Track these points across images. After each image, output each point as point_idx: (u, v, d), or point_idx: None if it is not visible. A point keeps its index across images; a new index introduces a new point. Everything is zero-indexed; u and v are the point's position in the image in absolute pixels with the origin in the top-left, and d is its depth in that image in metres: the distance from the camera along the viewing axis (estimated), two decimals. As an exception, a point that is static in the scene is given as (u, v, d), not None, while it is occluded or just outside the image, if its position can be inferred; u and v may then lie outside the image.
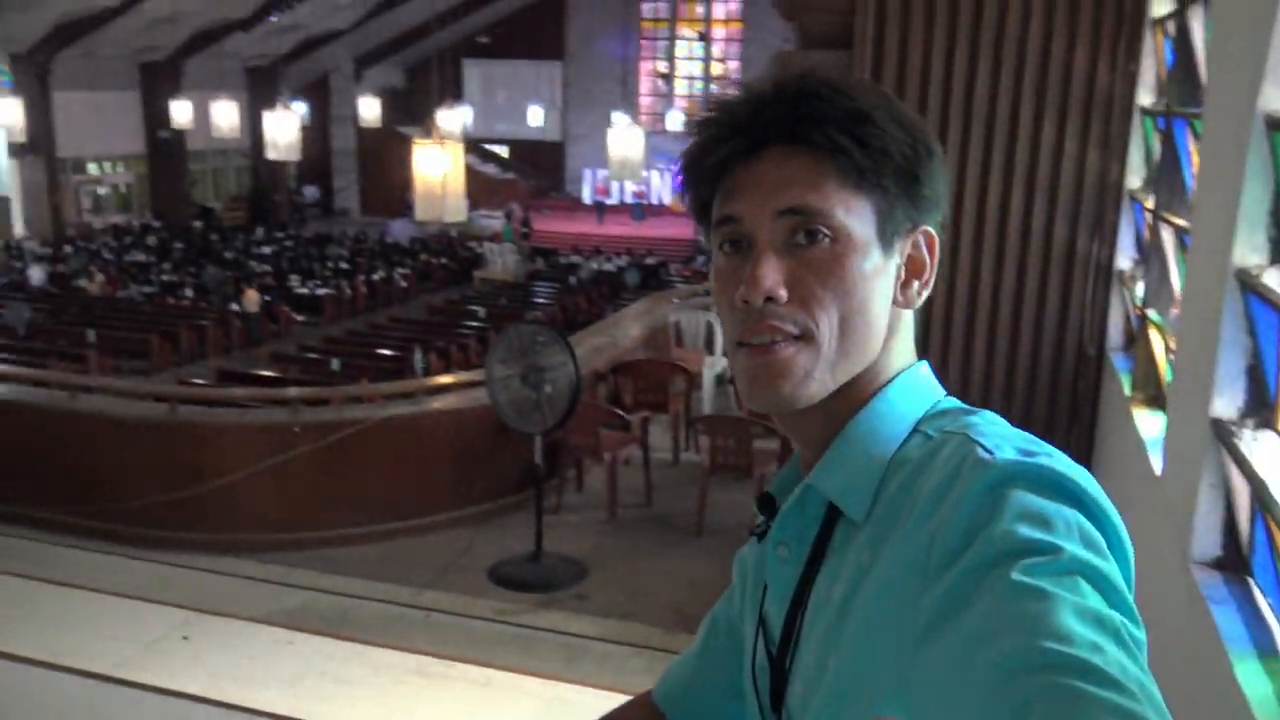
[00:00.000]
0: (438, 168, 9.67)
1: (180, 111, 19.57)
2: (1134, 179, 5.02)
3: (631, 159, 14.70)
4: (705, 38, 31.90)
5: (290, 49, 26.01)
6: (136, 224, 25.50)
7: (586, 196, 31.55)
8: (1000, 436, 0.83)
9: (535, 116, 28.25)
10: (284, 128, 15.10)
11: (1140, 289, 4.67)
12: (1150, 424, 3.98)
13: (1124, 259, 5.10)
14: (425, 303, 19.28)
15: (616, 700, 3.94)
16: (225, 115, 18.04)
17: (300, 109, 24.18)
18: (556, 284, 20.31)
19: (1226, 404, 2.81)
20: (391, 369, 12.72)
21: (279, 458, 7.48)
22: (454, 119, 18.59)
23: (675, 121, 28.64)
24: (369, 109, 24.32)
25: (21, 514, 7.86)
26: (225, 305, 16.92)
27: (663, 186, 29.42)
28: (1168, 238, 4.13)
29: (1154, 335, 4.24)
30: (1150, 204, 4.50)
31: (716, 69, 31.64)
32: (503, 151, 33.26)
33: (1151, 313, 4.31)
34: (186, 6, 21.45)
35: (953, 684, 0.69)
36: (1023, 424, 0.85)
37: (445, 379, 9.51)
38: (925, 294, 0.95)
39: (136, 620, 5.11)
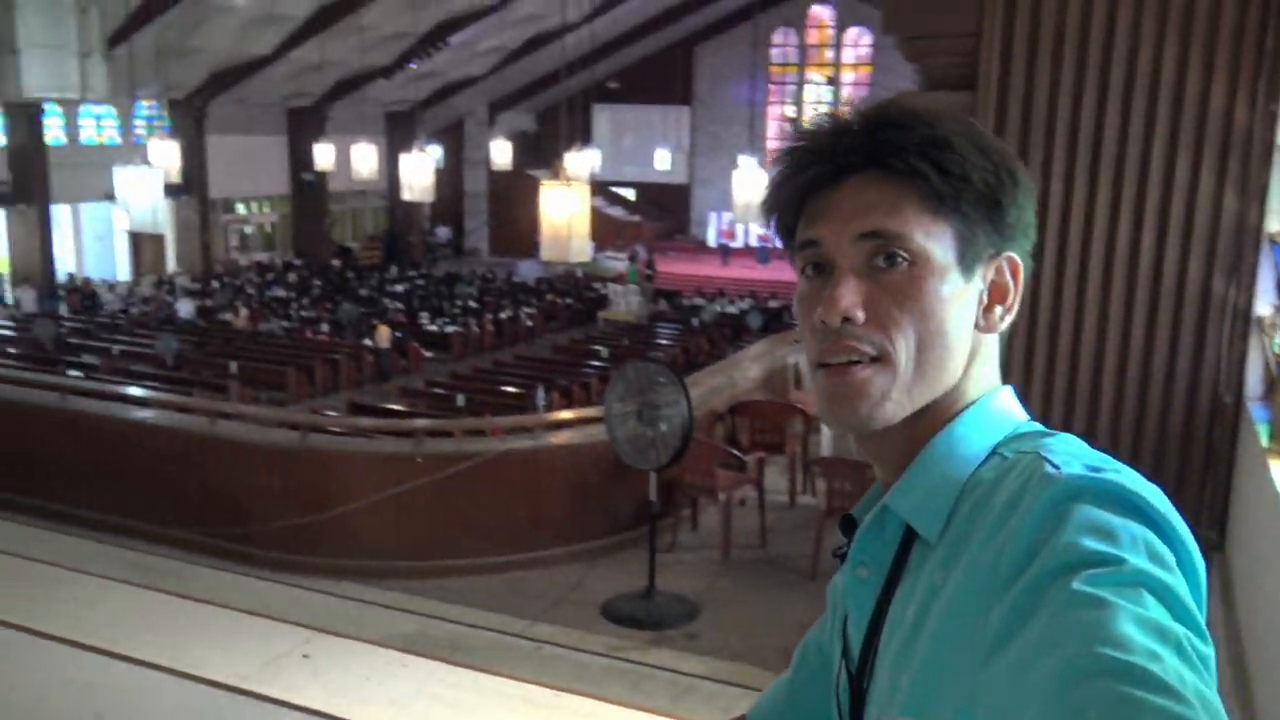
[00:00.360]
0: (564, 209, 9.88)
1: (323, 155, 20.45)
2: (1275, 221, 4.81)
3: (756, 202, 14.74)
4: (834, 82, 31.89)
5: (428, 95, 26.97)
6: (279, 261, 26.70)
7: (711, 239, 31.74)
8: (1070, 454, 0.82)
9: (662, 160, 28.68)
10: (419, 170, 15.66)
11: (1280, 335, 4.46)
12: (1288, 476, 3.78)
13: (1263, 304, 4.88)
14: (550, 342, 19.64)
15: (719, 736, 3.88)
16: (365, 159, 18.79)
17: (435, 152, 25.02)
18: (679, 325, 20.44)
19: (1367, 454, 2.67)
20: (515, 406, 12.95)
21: (401, 487, 7.70)
22: (582, 162, 18.98)
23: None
24: (500, 152, 25.06)
25: (164, 533, 8.27)
26: (359, 340, 17.54)
27: (787, 230, 29.36)
28: (1309, 281, 3.95)
29: (1293, 383, 4.05)
30: (1291, 247, 4.31)
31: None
32: (629, 194, 33.77)
33: (1291, 360, 4.12)
34: (333, 55, 22.49)
35: (1014, 694, 0.69)
36: (1153, 474, 0.84)
37: (564, 414, 9.66)
38: (1009, 319, 0.95)
39: (262, 636, 5.30)
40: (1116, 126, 4.99)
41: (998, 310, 0.94)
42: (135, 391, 10.43)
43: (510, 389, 14.10)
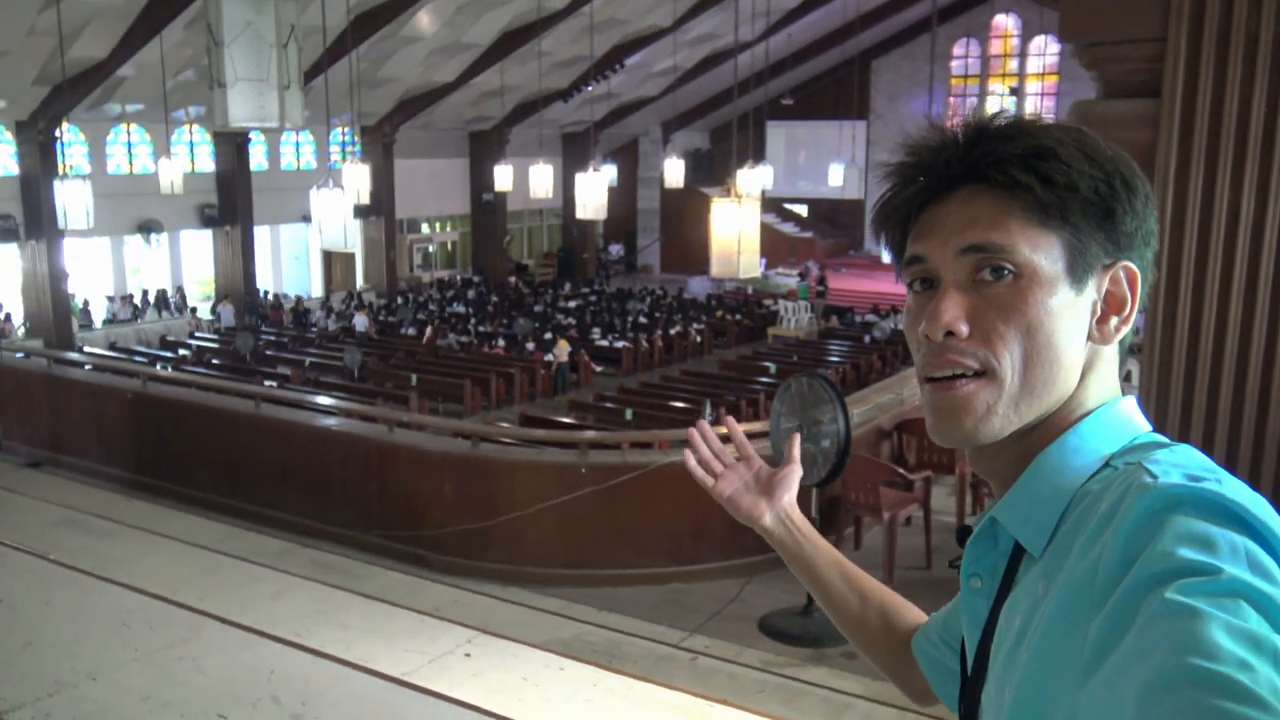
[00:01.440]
0: (733, 226, 9.90)
1: (502, 175, 21.10)
2: None
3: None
4: (1017, 93, 30.86)
5: (603, 116, 27.54)
6: (459, 278, 27.72)
7: (886, 256, 30.97)
8: (1173, 464, 0.80)
9: (836, 176, 28.30)
10: (594, 189, 15.96)
11: None
12: None
13: None
14: (719, 358, 19.66)
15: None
16: (541, 179, 19.27)
17: (609, 171, 25.50)
18: (851, 342, 20.16)
19: None
20: (682, 421, 13.03)
21: (566, 496, 7.87)
22: (755, 179, 18.95)
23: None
24: (673, 171, 25.31)
25: (344, 535, 8.72)
26: (541, 353, 18.00)
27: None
28: None
29: None
30: None
31: (1028, 125, 30.51)
32: (802, 210, 33.54)
33: None
34: (513, 80, 23.24)
35: (1107, 707, 0.68)
36: None
37: (725, 428, 9.65)
38: (1125, 330, 0.92)
39: (428, 635, 5.53)
40: (1316, 135, 4.68)
41: (1113, 321, 0.92)
42: (320, 400, 11.02)
43: (678, 404, 14.20)
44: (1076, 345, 0.90)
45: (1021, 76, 31.04)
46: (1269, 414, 4.87)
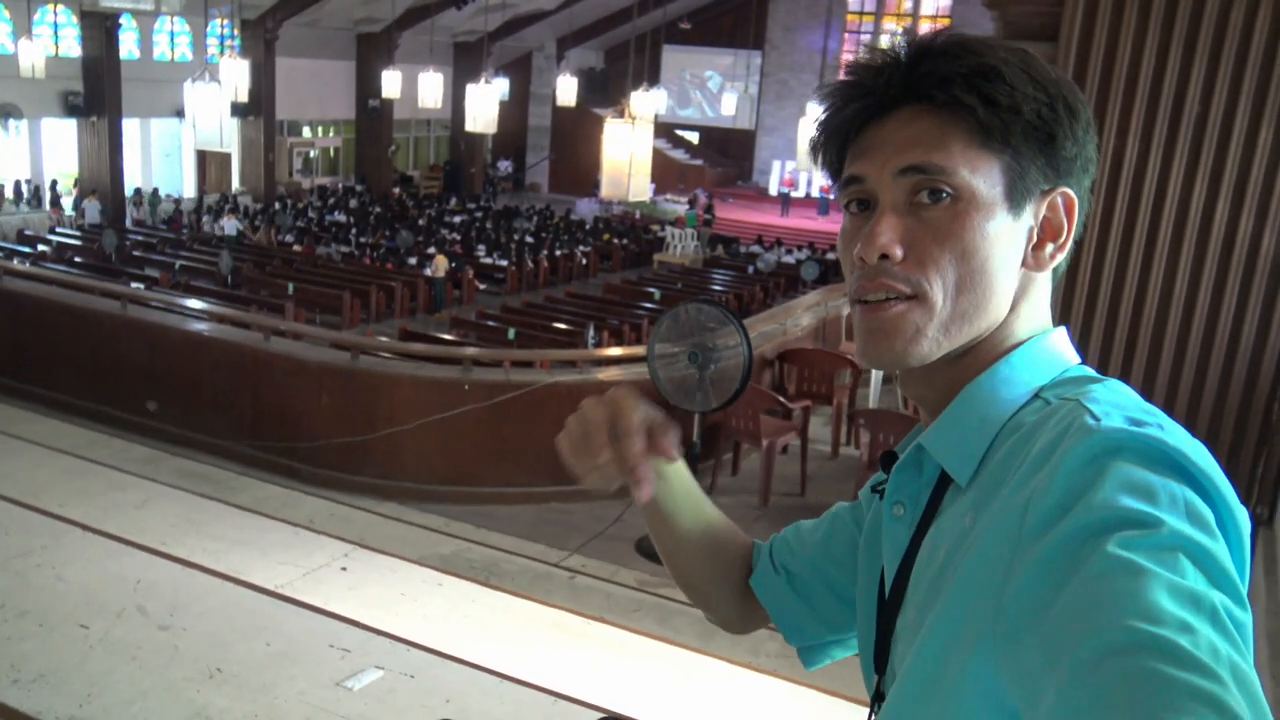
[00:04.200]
0: (625, 148, 9.78)
1: (390, 82, 20.40)
2: (1358, 194, 4.64)
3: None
4: (910, 33, 31.13)
5: (497, 26, 26.81)
6: (340, 186, 26.88)
7: (773, 188, 31.38)
8: (1113, 404, 0.79)
9: (729, 104, 28.24)
10: (484, 102, 15.57)
11: (1352, 310, 4.33)
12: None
13: (1337, 279, 4.73)
14: (604, 281, 19.63)
15: (747, 676, 3.92)
16: (431, 88, 18.69)
17: (501, 85, 24.90)
18: (735, 272, 20.33)
19: None
20: (565, 342, 13.01)
21: (448, 413, 7.77)
22: (649, 102, 18.78)
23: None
24: (566, 89, 24.85)
25: (216, 444, 8.44)
26: (409, 268, 17.64)
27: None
28: (1387, 255, 3.81)
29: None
30: (1371, 218, 4.16)
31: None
32: (693, 137, 33.47)
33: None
34: (405, -19, 22.44)
35: (1043, 659, 0.67)
36: (1207, 442, 0.78)
37: (611, 351, 9.66)
38: (1060, 257, 0.92)
39: (303, 548, 5.42)
40: (1200, 88, 4.82)
41: (1049, 248, 0.91)
42: (192, 304, 10.60)
43: (561, 325, 14.14)
44: (1010, 271, 0.89)
45: (915, 17, 31.35)
46: (1134, 352, 5.08)
